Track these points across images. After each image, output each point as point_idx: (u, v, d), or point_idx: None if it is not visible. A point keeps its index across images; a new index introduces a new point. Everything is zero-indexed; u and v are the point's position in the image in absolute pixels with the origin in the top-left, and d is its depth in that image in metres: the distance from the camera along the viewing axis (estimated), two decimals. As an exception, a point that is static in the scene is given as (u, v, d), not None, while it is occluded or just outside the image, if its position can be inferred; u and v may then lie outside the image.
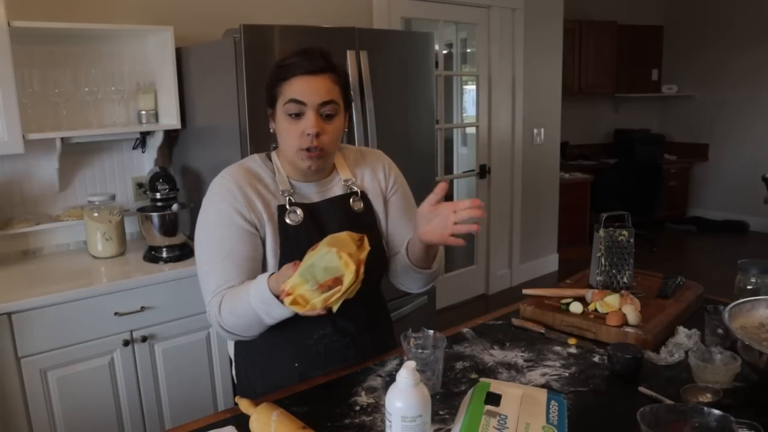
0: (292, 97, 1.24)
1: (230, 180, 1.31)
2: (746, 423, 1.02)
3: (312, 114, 1.24)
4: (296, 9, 3.03)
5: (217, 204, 1.29)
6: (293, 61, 1.25)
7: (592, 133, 6.56)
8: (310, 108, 1.24)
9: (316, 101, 1.24)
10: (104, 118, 2.46)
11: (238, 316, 1.23)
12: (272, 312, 1.18)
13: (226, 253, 1.27)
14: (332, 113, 1.27)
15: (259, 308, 1.18)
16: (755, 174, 5.76)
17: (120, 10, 2.50)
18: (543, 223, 4.84)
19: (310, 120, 1.24)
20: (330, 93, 1.26)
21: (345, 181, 1.40)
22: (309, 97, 1.24)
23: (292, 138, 1.27)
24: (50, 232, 2.41)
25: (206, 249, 1.30)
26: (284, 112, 1.26)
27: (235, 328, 1.26)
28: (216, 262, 1.28)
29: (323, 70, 1.25)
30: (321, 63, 1.25)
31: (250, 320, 1.22)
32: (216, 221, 1.29)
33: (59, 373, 1.96)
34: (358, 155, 1.47)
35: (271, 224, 1.30)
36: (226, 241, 1.27)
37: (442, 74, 3.89)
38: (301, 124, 1.25)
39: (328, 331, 1.36)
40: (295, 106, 1.24)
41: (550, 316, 1.56)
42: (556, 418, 1.03)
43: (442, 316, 3.79)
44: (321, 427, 1.12)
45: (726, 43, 6.18)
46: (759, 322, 1.31)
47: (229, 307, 1.24)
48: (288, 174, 1.35)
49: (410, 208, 1.49)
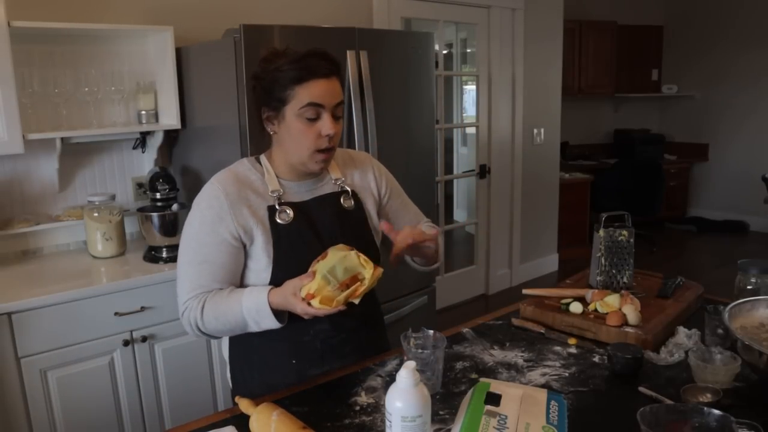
0: (311, 101, 1.25)
1: (218, 188, 1.33)
2: (746, 423, 1.02)
3: (329, 116, 1.27)
4: (296, 9, 3.03)
5: (203, 210, 1.32)
6: (304, 64, 1.25)
7: (592, 133, 6.56)
8: (327, 110, 1.27)
9: (332, 103, 1.28)
10: (104, 118, 2.46)
11: (223, 322, 1.29)
12: (262, 322, 1.26)
13: (203, 258, 1.31)
14: (341, 114, 1.32)
15: (250, 317, 1.26)
16: (755, 174, 5.76)
17: (120, 10, 2.50)
18: (543, 223, 4.84)
19: (328, 122, 1.27)
20: (341, 94, 1.31)
21: (335, 180, 1.43)
22: (327, 99, 1.27)
23: (308, 140, 1.28)
24: (50, 232, 2.41)
25: (187, 250, 1.34)
26: (299, 116, 1.27)
27: (214, 331, 1.33)
28: (193, 265, 1.32)
29: (333, 73, 1.29)
30: (331, 66, 1.28)
31: (235, 326, 1.29)
32: (199, 227, 1.32)
33: (59, 373, 1.96)
34: (347, 157, 1.50)
35: (261, 227, 1.32)
36: (206, 247, 1.31)
37: (442, 74, 3.89)
38: (317, 126, 1.27)
39: (325, 327, 1.37)
40: (314, 110, 1.26)
41: (550, 316, 1.56)
42: (556, 418, 1.03)
43: (442, 316, 3.79)
44: (321, 427, 1.12)
45: (726, 43, 6.18)
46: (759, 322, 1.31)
47: (214, 313, 1.29)
48: (280, 174, 1.37)
49: (406, 201, 1.57)
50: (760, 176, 5.26)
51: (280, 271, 1.31)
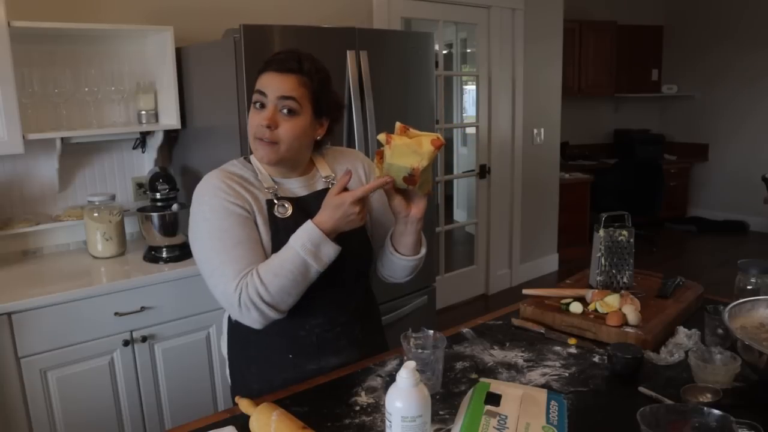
0: (257, 89, 1.33)
1: (216, 179, 1.34)
2: (746, 423, 1.02)
3: (271, 107, 1.31)
4: (296, 9, 3.03)
5: (209, 201, 1.32)
6: (269, 59, 1.34)
7: (592, 133, 6.56)
8: (269, 101, 1.31)
9: (275, 94, 1.31)
10: (104, 118, 2.46)
11: (284, 274, 1.24)
12: (321, 251, 1.25)
13: (236, 241, 1.29)
14: (292, 110, 1.31)
15: (306, 252, 1.24)
16: (755, 174, 5.76)
17: (120, 10, 2.50)
18: (543, 223, 4.84)
19: (266, 111, 1.31)
20: (292, 91, 1.31)
21: (326, 177, 1.44)
22: (271, 90, 1.31)
23: (252, 126, 1.34)
24: (50, 232, 2.41)
25: (212, 244, 1.30)
26: (252, 102, 1.34)
27: (280, 294, 1.25)
28: (226, 252, 1.28)
29: (292, 71, 1.32)
30: (292, 65, 1.32)
31: (298, 275, 1.25)
32: (214, 216, 1.30)
33: (59, 373, 1.96)
34: (337, 153, 1.53)
35: (261, 216, 1.34)
36: (230, 230, 1.29)
37: (442, 74, 3.89)
38: (260, 115, 1.32)
39: (320, 320, 1.38)
40: (258, 96, 1.32)
41: (550, 316, 1.56)
42: (556, 418, 1.03)
43: (442, 316, 3.79)
44: (321, 427, 1.12)
45: (726, 43, 6.18)
46: (759, 322, 1.31)
47: (271, 272, 1.25)
48: (270, 172, 1.40)
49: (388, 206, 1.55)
50: (760, 176, 5.26)
51: None
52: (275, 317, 1.29)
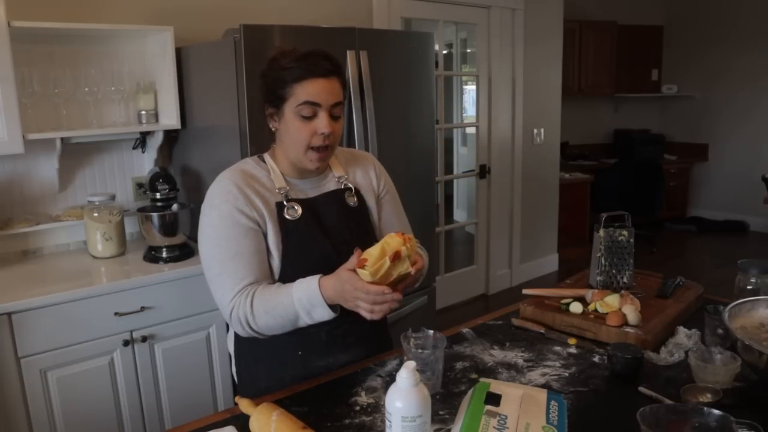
0: (307, 99, 1.29)
1: (229, 182, 1.35)
2: (746, 423, 1.02)
3: (325, 115, 1.30)
4: (296, 9, 3.03)
5: (219, 206, 1.33)
6: (305, 64, 1.29)
7: (592, 133, 6.56)
8: (323, 109, 1.30)
9: (329, 102, 1.30)
10: (104, 118, 2.46)
11: (274, 315, 1.27)
12: (314, 312, 1.24)
13: (235, 252, 1.31)
14: (339, 114, 1.34)
15: (301, 307, 1.24)
16: (755, 174, 5.76)
17: (120, 10, 2.50)
18: (543, 223, 4.84)
19: (324, 120, 1.30)
20: (340, 95, 1.32)
21: (338, 178, 1.45)
22: (324, 98, 1.29)
23: (303, 137, 1.31)
24: (50, 232, 2.41)
25: (215, 251, 1.33)
26: (296, 113, 1.30)
27: (265, 328, 1.29)
28: (227, 262, 1.31)
29: (333, 73, 1.31)
30: (331, 66, 1.31)
31: (286, 321, 1.27)
32: (221, 224, 1.32)
33: (59, 373, 1.96)
34: (349, 155, 1.54)
35: (272, 220, 1.34)
36: (233, 240, 1.31)
37: (442, 74, 3.89)
38: (313, 124, 1.30)
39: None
40: (310, 108, 1.29)
41: (550, 316, 1.56)
42: (556, 418, 1.03)
43: (442, 316, 3.79)
44: (321, 427, 1.12)
45: (726, 43, 6.18)
46: (759, 322, 1.31)
47: (264, 307, 1.27)
48: (284, 172, 1.40)
49: (399, 207, 1.57)
50: (760, 176, 5.26)
51: (289, 266, 1.34)
52: (261, 338, 1.33)
